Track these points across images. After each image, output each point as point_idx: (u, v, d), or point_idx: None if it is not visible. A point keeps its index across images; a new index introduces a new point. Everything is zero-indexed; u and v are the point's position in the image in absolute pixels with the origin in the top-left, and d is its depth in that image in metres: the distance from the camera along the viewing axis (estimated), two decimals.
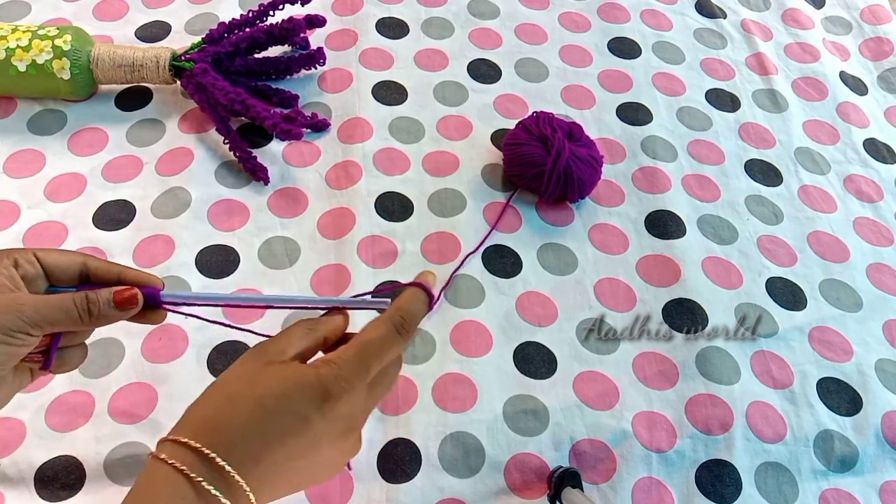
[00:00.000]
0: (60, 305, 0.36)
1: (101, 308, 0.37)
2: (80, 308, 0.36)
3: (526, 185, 0.71)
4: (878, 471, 0.61)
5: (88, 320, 0.37)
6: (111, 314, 0.37)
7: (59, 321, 0.36)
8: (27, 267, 0.37)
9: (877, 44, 0.94)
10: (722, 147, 0.80)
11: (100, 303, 0.37)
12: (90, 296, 0.37)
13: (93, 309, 0.37)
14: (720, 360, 0.64)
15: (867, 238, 0.75)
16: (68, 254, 0.39)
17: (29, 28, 0.71)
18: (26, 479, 0.53)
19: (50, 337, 0.38)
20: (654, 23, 0.92)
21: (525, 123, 0.72)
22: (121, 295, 0.38)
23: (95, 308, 0.37)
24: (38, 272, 0.37)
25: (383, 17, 0.86)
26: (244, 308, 0.42)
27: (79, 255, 0.39)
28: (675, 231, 0.72)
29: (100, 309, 0.37)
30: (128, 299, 0.38)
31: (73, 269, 0.38)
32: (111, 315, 0.37)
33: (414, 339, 0.40)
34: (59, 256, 0.38)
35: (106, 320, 0.38)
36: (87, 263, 0.39)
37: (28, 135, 0.72)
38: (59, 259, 0.38)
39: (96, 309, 0.37)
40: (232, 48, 0.73)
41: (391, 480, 0.56)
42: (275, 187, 0.71)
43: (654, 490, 0.58)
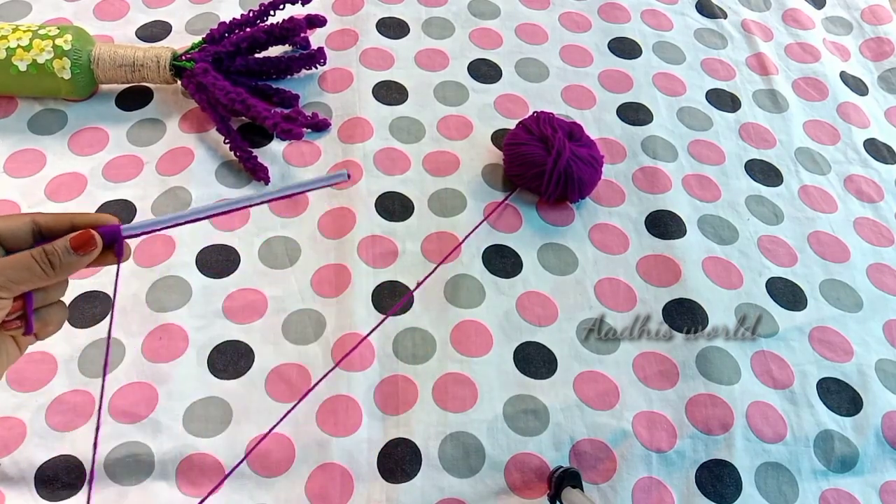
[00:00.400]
0: (20, 263, 0.36)
1: (62, 257, 0.37)
2: (40, 262, 0.36)
3: (526, 184, 0.71)
4: (878, 471, 0.61)
5: (52, 272, 0.36)
6: (73, 260, 0.37)
7: (23, 280, 0.36)
8: None
9: (877, 44, 0.94)
10: (722, 147, 0.80)
11: (58, 252, 0.36)
12: (47, 248, 0.36)
13: (53, 260, 0.36)
14: (720, 360, 0.64)
15: (867, 238, 0.75)
16: (15, 217, 0.38)
17: (29, 28, 0.71)
18: (26, 479, 0.53)
19: (22, 300, 0.38)
20: (654, 23, 0.92)
21: (525, 123, 0.72)
22: (77, 239, 0.37)
23: (56, 258, 0.36)
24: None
25: (384, 17, 0.86)
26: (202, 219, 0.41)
27: (26, 216, 0.38)
28: (675, 231, 0.72)
29: (60, 258, 0.37)
30: (86, 241, 0.37)
31: (24, 231, 0.38)
32: (73, 261, 0.37)
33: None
34: (6, 221, 0.37)
35: (70, 268, 0.37)
36: (36, 221, 0.38)
37: (28, 134, 0.72)
38: (7, 224, 0.37)
39: (56, 259, 0.36)
40: (232, 48, 0.73)
41: (391, 480, 0.56)
42: (275, 187, 0.71)
43: (654, 490, 0.58)
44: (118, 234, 0.38)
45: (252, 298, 0.64)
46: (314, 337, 0.62)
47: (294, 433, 0.57)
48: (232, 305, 0.63)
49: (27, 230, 0.38)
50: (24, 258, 0.36)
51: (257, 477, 0.55)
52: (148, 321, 0.61)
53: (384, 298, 0.64)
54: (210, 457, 0.55)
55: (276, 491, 0.55)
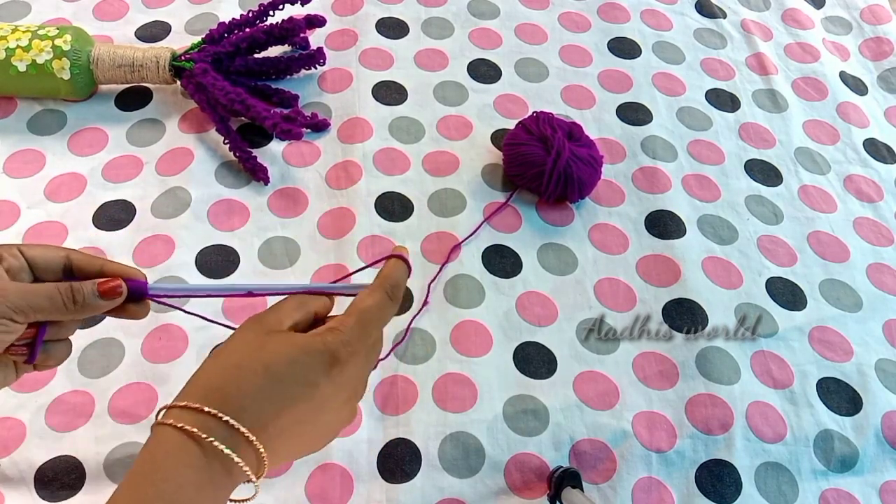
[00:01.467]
0: (45, 293, 0.37)
1: (86, 297, 0.37)
2: (64, 296, 0.37)
3: (526, 184, 0.71)
4: (878, 471, 0.61)
5: (73, 308, 0.37)
6: (95, 304, 0.38)
7: (43, 308, 0.36)
8: (11, 260, 0.37)
9: (877, 44, 0.94)
10: (722, 147, 0.80)
11: (84, 291, 0.37)
12: (74, 285, 0.37)
13: (77, 297, 0.37)
14: (720, 360, 0.64)
15: (867, 238, 0.75)
16: (52, 248, 0.39)
17: (29, 28, 0.71)
18: (26, 479, 0.53)
19: (35, 329, 0.38)
20: (654, 23, 0.92)
21: (525, 123, 0.72)
22: (105, 285, 0.38)
23: (80, 296, 0.37)
24: (21, 265, 0.38)
25: (383, 17, 0.86)
26: (229, 297, 0.42)
27: (62, 250, 0.39)
28: (675, 231, 0.72)
29: (84, 297, 0.37)
30: (112, 289, 0.38)
31: (56, 264, 0.39)
32: (95, 305, 0.38)
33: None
34: (43, 251, 0.39)
35: (90, 310, 0.38)
36: (70, 257, 0.39)
37: (28, 135, 0.72)
38: (43, 253, 0.38)
39: (81, 297, 0.37)
40: (232, 48, 0.73)
41: (391, 480, 0.56)
42: (275, 187, 0.71)
43: (654, 490, 0.58)
44: (144, 292, 0.40)
45: (252, 298, 0.64)
46: None
47: None
48: (232, 305, 0.63)
49: (59, 264, 0.39)
50: (50, 289, 0.37)
51: None
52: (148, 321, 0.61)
53: None
54: None
55: (276, 491, 0.55)
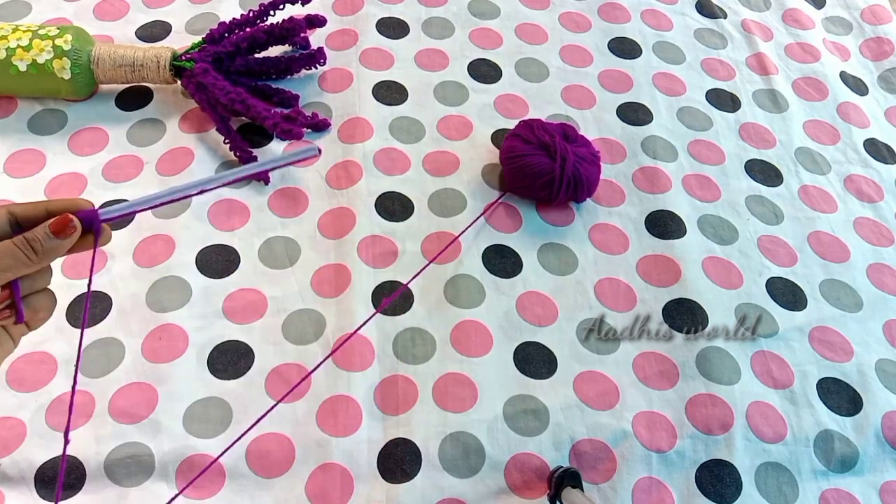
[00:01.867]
0: (3, 251, 0.36)
1: (43, 242, 0.37)
2: (22, 248, 0.37)
3: (534, 194, 0.71)
4: (878, 471, 0.61)
5: (36, 258, 0.37)
6: (54, 245, 0.38)
7: (6, 266, 0.36)
8: None
9: (877, 44, 0.94)
10: (722, 147, 0.80)
11: (39, 238, 0.37)
12: (27, 235, 0.37)
13: (35, 246, 0.37)
14: (720, 360, 0.64)
15: (867, 238, 0.75)
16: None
17: (29, 28, 0.71)
18: (26, 479, 0.53)
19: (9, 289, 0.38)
20: (654, 23, 0.92)
21: (519, 134, 0.71)
22: (57, 224, 0.38)
23: (38, 244, 0.37)
24: None
25: (383, 17, 0.86)
26: (179, 200, 0.41)
27: (1, 207, 0.39)
28: (675, 231, 0.72)
29: (42, 244, 0.37)
30: (65, 225, 0.38)
31: (1, 220, 0.38)
32: (55, 246, 0.38)
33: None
34: None
35: (53, 253, 0.38)
36: (11, 211, 0.38)
37: (28, 134, 0.72)
38: None
39: (39, 245, 0.37)
40: (232, 48, 0.73)
41: (391, 480, 0.56)
42: (275, 187, 0.71)
43: (654, 490, 0.58)
44: (95, 218, 0.39)
45: (252, 298, 0.64)
46: (314, 337, 0.62)
47: (294, 433, 0.57)
48: (232, 306, 0.63)
49: (4, 221, 0.38)
50: (6, 247, 0.37)
51: (257, 477, 0.55)
52: (148, 321, 0.61)
53: (384, 298, 0.64)
54: (210, 457, 0.55)
55: (276, 491, 0.55)
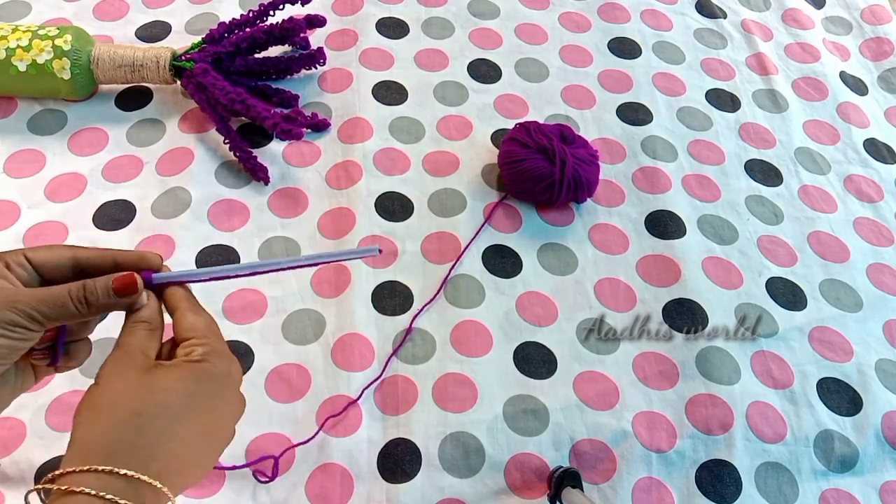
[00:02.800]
0: (55, 298, 0.35)
1: (100, 297, 0.36)
2: (75, 299, 0.36)
3: (535, 198, 0.71)
4: (878, 471, 0.61)
5: (87, 311, 0.36)
6: (111, 302, 0.37)
7: (55, 315, 0.35)
8: (18, 270, 0.36)
9: (877, 44, 0.94)
10: (722, 147, 0.80)
11: (97, 291, 0.36)
12: (88, 284, 0.36)
13: (90, 298, 0.36)
14: (720, 360, 0.64)
15: (867, 238, 0.75)
16: (55, 248, 0.38)
17: (29, 28, 0.71)
18: (26, 479, 0.53)
19: (55, 332, 0.38)
20: (654, 23, 0.92)
21: (516, 138, 0.70)
22: (120, 281, 0.37)
23: (94, 297, 0.36)
24: (30, 272, 0.37)
25: (383, 17, 0.86)
26: (234, 277, 0.41)
27: (67, 249, 0.38)
28: (675, 231, 0.72)
29: (98, 298, 0.36)
30: (127, 285, 0.37)
31: (64, 264, 0.37)
32: (111, 303, 0.37)
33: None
34: (47, 253, 0.37)
35: (107, 309, 0.37)
36: (76, 256, 0.38)
37: (28, 135, 0.72)
38: (48, 255, 0.37)
39: (94, 298, 0.36)
40: (232, 48, 0.73)
41: (391, 480, 0.56)
42: (275, 187, 0.71)
43: (654, 490, 0.58)
44: (148, 280, 0.38)
45: (252, 298, 0.64)
46: (314, 337, 0.62)
47: (294, 433, 0.57)
48: (232, 305, 0.63)
49: (67, 264, 0.37)
50: (60, 294, 0.35)
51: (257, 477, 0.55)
52: None
53: (384, 298, 0.64)
54: None
55: (276, 491, 0.55)
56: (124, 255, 0.38)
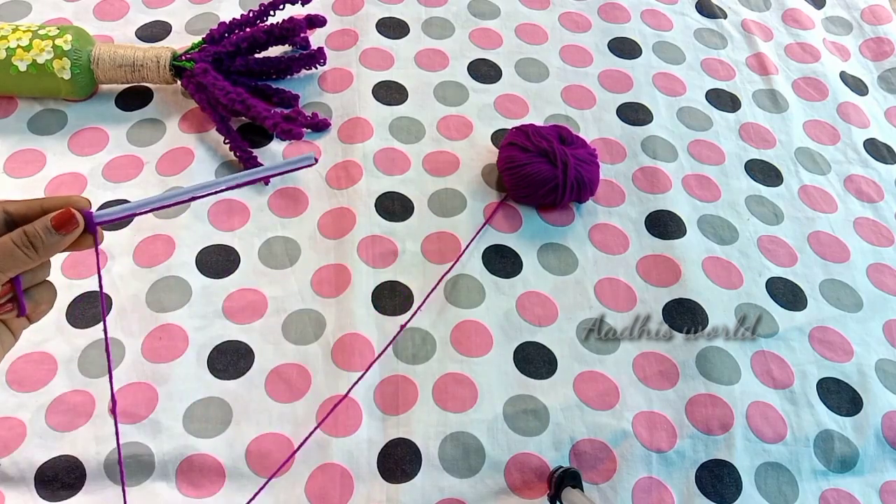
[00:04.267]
0: (3, 249, 0.36)
1: (44, 237, 0.36)
2: (21, 245, 0.36)
3: (538, 201, 0.71)
4: (878, 471, 0.61)
5: (35, 254, 0.36)
6: (55, 240, 0.37)
7: (6, 266, 0.36)
8: None
9: (877, 44, 0.94)
10: (722, 147, 0.80)
11: (39, 233, 0.36)
12: (27, 229, 0.36)
13: (35, 242, 0.36)
14: (720, 360, 0.64)
15: (867, 238, 0.75)
16: None
17: (29, 28, 0.71)
18: (26, 479, 0.53)
19: (10, 284, 0.38)
20: (654, 23, 0.92)
21: (515, 142, 0.70)
22: (59, 218, 0.37)
23: (38, 240, 0.36)
24: None
25: (383, 17, 0.86)
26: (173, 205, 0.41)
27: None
28: (675, 231, 0.72)
29: (42, 239, 0.36)
30: (67, 220, 0.37)
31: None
32: (55, 241, 0.37)
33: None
34: None
35: (53, 249, 0.37)
36: (6, 210, 0.37)
37: (28, 135, 0.72)
38: None
39: (39, 241, 0.36)
40: (232, 48, 0.73)
41: (391, 480, 0.56)
42: (275, 187, 0.71)
43: (654, 490, 0.58)
44: (90, 220, 0.38)
45: (252, 298, 0.64)
46: (314, 337, 0.62)
47: (294, 433, 0.57)
48: (232, 306, 0.63)
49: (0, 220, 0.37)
50: (5, 245, 0.36)
51: (257, 477, 0.55)
52: (148, 321, 0.61)
53: (384, 298, 0.64)
54: (210, 457, 0.55)
55: (276, 491, 0.55)
56: (52, 200, 0.38)
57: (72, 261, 0.63)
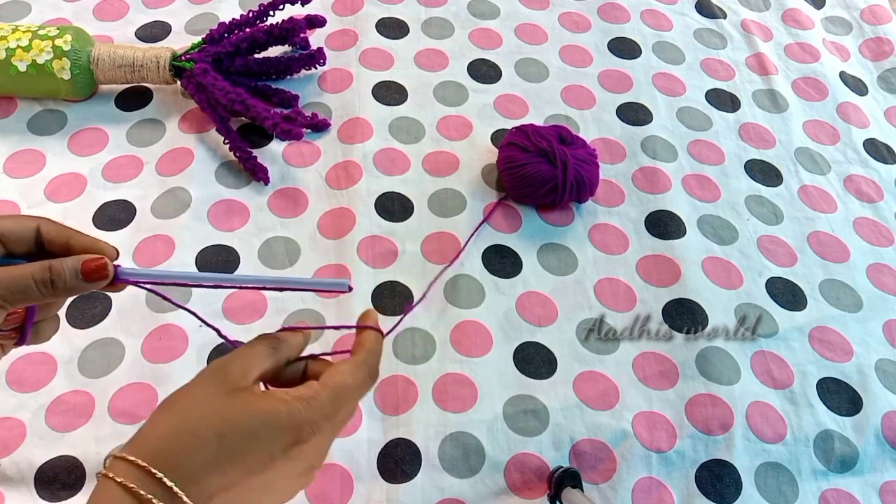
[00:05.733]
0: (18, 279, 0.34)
1: (68, 280, 0.35)
2: (39, 282, 0.34)
3: (537, 201, 0.71)
4: (878, 471, 0.61)
5: (52, 293, 0.35)
6: (78, 286, 0.35)
7: (18, 298, 0.34)
8: None
9: (877, 44, 0.94)
10: (722, 147, 0.80)
11: (65, 273, 0.35)
12: (54, 267, 0.35)
13: (56, 281, 0.35)
14: (720, 360, 0.64)
15: (867, 238, 0.75)
16: (21, 219, 0.36)
17: (29, 28, 0.71)
18: (26, 479, 0.53)
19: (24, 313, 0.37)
20: (654, 23, 0.92)
21: (515, 142, 0.70)
22: (90, 265, 0.35)
23: (60, 280, 0.35)
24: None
25: (383, 17, 0.86)
26: (195, 287, 0.40)
27: (32, 220, 0.36)
28: (675, 231, 0.72)
29: (66, 281, 0.35)
30: (97, 269, 0.35)
31: (27, 235, 0.36)
32: (78, 287, 0.35)
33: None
34: (12, 223, 0.36)
35: (72, 293, 0.36)
36: (40, 228, 0.36)
37: (28, 135, 0.72)
38: (12, 225, 0.36)
39: (61, 281, 0.35)
40: (232, 48, 0.73)
41: (391, 480, 0.56)
42: (275, 187, 0.71)
43: (654, 490, 0.58)
44: (116, 274, 0.37)
45: (252, 298, 0.64)
46: (314, 337, 0.62)
47: None
48: (232, 306, 0.63)
49: (31, 235, 0.36)
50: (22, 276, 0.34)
51: None
52: (148, 321, 0.61)
53: (384, 299, 0.64)
54: None
55: None
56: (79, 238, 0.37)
57: None
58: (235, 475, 0.32)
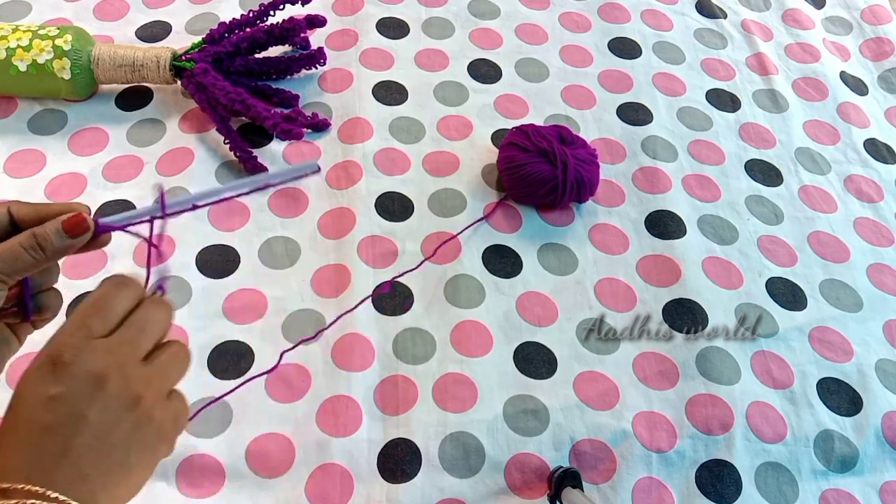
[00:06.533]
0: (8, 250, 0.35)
1: (54, 241, 0.35)
2: (28, 248, 0.35)
3: (538, 201, 0.71)
4: (878, 471, 0.61)
5: (43, 257, 0.35)
6: (65, 244, 0.36)
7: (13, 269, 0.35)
8: None
9: (877, 44, 0.94)
10: (722, 147, 0.80)
11: (49, 235, 0.35)
12: (37, 232, 0.35)
13: (44, 244, 0.35)
14: (720, 360, 0.64)
15: (867, 238, 0.75)
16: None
17: (29, 28, 0.71)
18: None
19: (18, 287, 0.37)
20: (654, 23, 0.92)
21: (515, 142, 0.70)
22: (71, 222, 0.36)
23: (47, 241, 0.35)
24: None
25: (383, 17, 0.86)
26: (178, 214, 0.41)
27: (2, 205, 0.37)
28: (675, 231, 0.72)
29: (52, 241, 0.35)
30: (78, 223, 0.36)
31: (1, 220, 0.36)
32: (65, 245, 0.36)
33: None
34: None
35: (62, 253, 0.36)
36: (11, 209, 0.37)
37: (28, 135, 0.72)
38: None
39: (48, 242, 0.35)
40: (232, 48, 0.73)
41: (391, 480, 0.56)
42: (275, 187, 0.71)
43: (654, 490, 0.58)
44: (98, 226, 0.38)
45: (252, 299, 0.64)
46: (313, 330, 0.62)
47: (294, 433, 0.57)
48: (232, 306, 0.63)
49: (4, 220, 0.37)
50: (13, 249, 0.35)
51: (257, 477, 0.55)
52: None
53: (384, 299, 0.64)
54: (210, 457, 0.55)
55: (276, 491, 0.55)
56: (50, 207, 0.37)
57: (72, 261, 0.63)
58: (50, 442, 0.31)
